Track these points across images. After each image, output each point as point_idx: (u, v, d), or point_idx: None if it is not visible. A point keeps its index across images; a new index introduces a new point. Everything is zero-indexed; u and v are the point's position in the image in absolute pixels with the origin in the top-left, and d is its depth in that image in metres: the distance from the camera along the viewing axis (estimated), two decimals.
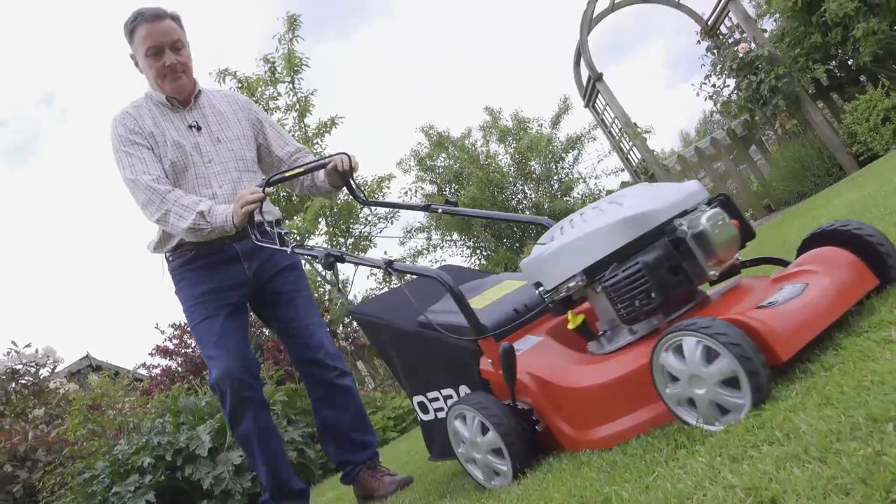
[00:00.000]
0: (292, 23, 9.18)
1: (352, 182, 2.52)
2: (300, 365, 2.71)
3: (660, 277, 1.42)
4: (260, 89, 9.29)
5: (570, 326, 1.68)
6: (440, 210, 2.38)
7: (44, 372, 6.67)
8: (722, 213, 1.49)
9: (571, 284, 1.60)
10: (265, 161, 2.78)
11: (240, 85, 9.22)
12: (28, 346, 6.54)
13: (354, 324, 7.99)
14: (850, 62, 6.49)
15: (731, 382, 1.22)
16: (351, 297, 9.92)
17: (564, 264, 1.59)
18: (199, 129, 2.57)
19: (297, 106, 9.52)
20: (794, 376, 1.28)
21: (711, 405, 1.26)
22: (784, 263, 1.67)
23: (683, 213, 1.52)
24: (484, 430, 1.70)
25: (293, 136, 9.50)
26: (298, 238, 8.24)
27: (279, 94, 9.49)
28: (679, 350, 1.27)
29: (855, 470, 0.83)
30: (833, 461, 0.88)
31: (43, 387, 6.42)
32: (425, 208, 2.57)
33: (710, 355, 1.23)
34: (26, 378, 6.51)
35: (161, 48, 2.47)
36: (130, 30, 2.50)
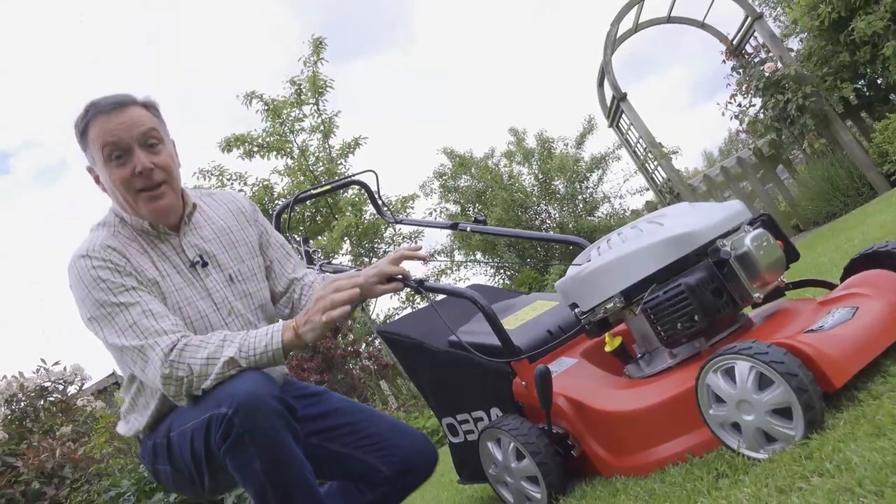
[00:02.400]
0: (317, 46, 9.30)
1: (378, 200, 2.51)
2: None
3: (703, 300, 1.39)
4: (286, 111, 9.40)
5: (608, 349, 1.64)
6: (468, 228, 2.35)
7: (71, 389, 6.73)
8: (766, 233, 1.46)
9: (609, 306, 1.56)
10: None
11: (266, 107, 9.34)
12: (56, 363, 6.63)
13: (377, 342, 7.97)
14: (879, 81, 6.41)
15: (783, 412, 1.17)
16: (373, 316, 9.92)
17: (602, 285, 1.56)
18: (204, 264, 1.78)
19: (322, 127, 9.62)
20: (841, 405, 1.23)
21: (758, 432, 1.22)
22: (831, 286, 1.62)
23: (726, 234, 1.48)
24: (519, 457, 1.66)
25: (317, 157, 9.59)
26: (323, 256, 8.24)
27: (305, 116, 9.59)
28: (729, 373, 1.23)
29: None
30: (891, 496, 0.84)
31: (70, 404, 6.48)
32: (453, 226, 2.55)
33: (762, 382, 1.19)
34: (54, 395, 6.58)
35: (126, 147, 1.65)
36: (81, 130, 1.69)
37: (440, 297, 2.13)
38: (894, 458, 0.93)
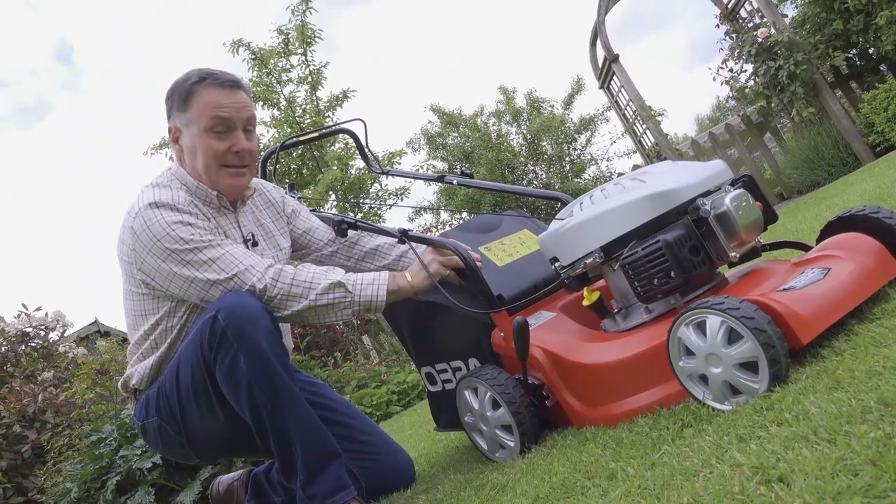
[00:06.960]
0: None
1: (367, 152, 2.51)
2: None
3: (680, 257, 1.41)
4: (273, 61, 9.23)
5: (586, 303, 1.66)
6: (455, 182, 2.36)
7: (53, 335, 6.73)
8: (746, 194, 1.47)
9: (589, 261, 1.58)
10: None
11: (253, 56, 9.15)
12: (38, 309, 6.60)
13: None
14: (870, 51, 6.40)
15: (749, 366, 1.21)
16: None
17: (582, 240, 1.58)
18: (255, 244, 1.91)
19: (310, 78, 9.47)
20: (804, 360, 1.27)
21: (724, 385, 1.25)
22: (806, 248, 1.65)
23: (707, 193, 1.50)
24: (495, 406, 1.70)
25: (304, 109, 9.45)
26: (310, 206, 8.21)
27: (292, 67, 9.43)
28: (700, 326, 1.26)
29: (865, 452, 0.83)
30: (842, 443, 0.88)
31: (52, 350, 6.48)
32: (439, 179, 2.57)
33: (732, 336, 1.21)
34: (36, 341, 6.57)
35: (233, 125, 1.78)
36: (188, 92, 1.77)
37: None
38: (849, 408, 0.96)
